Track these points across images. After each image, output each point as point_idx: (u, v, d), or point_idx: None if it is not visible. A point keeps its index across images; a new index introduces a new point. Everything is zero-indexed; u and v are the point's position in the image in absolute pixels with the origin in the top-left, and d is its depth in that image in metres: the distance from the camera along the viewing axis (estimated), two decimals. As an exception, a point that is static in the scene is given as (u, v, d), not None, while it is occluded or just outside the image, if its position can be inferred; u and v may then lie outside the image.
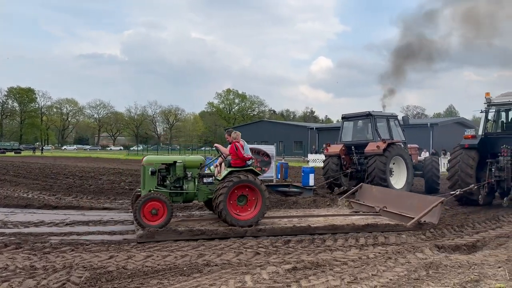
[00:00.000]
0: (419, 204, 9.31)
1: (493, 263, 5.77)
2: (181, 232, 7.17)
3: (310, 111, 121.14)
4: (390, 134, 14.79)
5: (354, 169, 15.02)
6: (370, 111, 15.04)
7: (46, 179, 18.26)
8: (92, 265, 5.40)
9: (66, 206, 10.56)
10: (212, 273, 5.18)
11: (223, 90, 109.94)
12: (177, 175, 8.33)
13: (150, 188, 8.06)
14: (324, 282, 4.85)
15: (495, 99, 12.58)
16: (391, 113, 15.97)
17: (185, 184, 8.39)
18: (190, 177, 8.38)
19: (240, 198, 8.22)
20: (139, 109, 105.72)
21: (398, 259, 5.98)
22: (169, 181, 8.38)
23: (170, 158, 8.75)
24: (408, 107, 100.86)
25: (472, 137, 12.40)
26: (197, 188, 8.44)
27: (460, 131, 48.97)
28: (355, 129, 16.07)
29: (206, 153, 63.35)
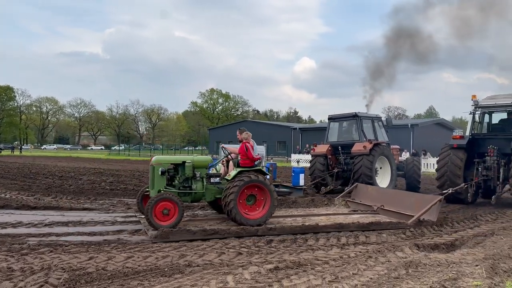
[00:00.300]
0: (417, 202, 9.62)
1: (471, 261, 5.88)
2: (194, 232, 7.22)
3: (294, 112, 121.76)
4: (375, 135, 15.15)
5: (341, 169, 15.27)
6: (356, 112, 15.34)
7: (24, 179, 17.90)
8: (71, 267, 5.31)
9: (45, 207, 10.35)
10: (193, 274, 5.15)
11: (206, 89, 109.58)
12: (186, 175, 8.42)
13: (160, 188, 8.15)
14: (305, 282, 4.87)
15: (482, 101, 13.11)
16: (375, 115, 16.32)
17: (194, 184, 8.50)
18: (198, 177, 8.50)
19: (249, 197, 8.33)
20: (121, 108, 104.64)
21: (378, 258, 6.04)
22: (178, 181, 8.46)
23: (179, 158, 8.82)
24: (390, 108, 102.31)
25: (460, 137, 12.80)
26: (205, 188, 8.54)
27: (440, 131, 50.05)
28: (342, 130, 16.35)
29: (189, 152, 63.03)
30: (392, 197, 10.73)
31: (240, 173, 8.27)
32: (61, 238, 7.07)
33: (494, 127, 13.59)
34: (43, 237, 7.07)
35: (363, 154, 14.05)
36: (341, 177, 15.46)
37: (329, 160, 15.47)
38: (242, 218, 8.03)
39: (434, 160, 31.61)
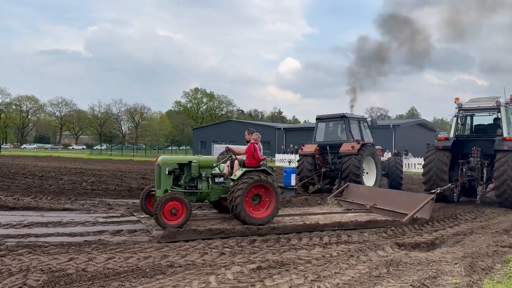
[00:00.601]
0: (409, 201, 9.97)
1: (450, 260, 5.98)
2: (200, 232, 7.27)
3: (278, 112, 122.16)
4: (361, 136, 15.50)
5: (328, 169, 15.53)
6: (344, 113, 15.67)
7: (3, 179, 17.48)
8: (51, 268, 5.21)
9: (24, 207, 10.14)
10: (175, 274, 5.12)
11: (191, 89, 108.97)
12: (192, 175, 8.53)
13: (166, 187, 8.21)
14: (288, 281, 4.89)
15: (465, 104, 13.55)
16: (361, 116, 16.72)
17: (199, 183, 8.62)
18: (204, 176, 8.63)
19: (254, 197, 8.45)
20: (103, 107, 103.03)
21: (360, 257, 6.10)
22: (184, 180, 8.55)
23: (185, 158, 8.98)
24: (372, 109, 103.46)
25: (445, 139, 13.32)
26: (210, 187, 8.68)
27: (421, 132, 50.83)
28: (329, 130, 16.65)
29: (172, 152, 62.58)
30: (384, 196, 11.01)
31: (246, 173, 8.36)
32: (40, 239, 6.93)
33: (477, 129, 14.04)
34: (22, 238, 6.92)
35: (351, 154, 14.36)
36: (328, 177, 15.73)
37: (317, 160, 15.71)
38: (248, 217, 8.11)
39: (416, 160, 32.28)
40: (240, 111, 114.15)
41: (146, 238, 7.21)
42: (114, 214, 9.52)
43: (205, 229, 7.47)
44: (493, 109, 13.15)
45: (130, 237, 7.22)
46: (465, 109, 13.65)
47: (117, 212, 9.80)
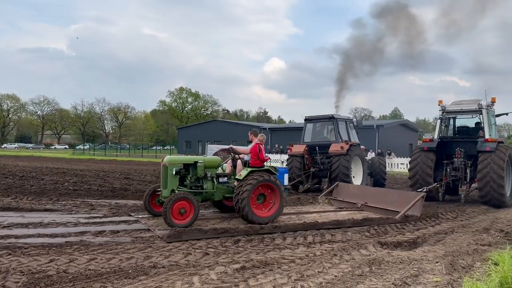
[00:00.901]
0: (399, 199, 10.34)
1: (432, 258, 6.07)
2: (206, 231, 7.36)
3: (264, 112, 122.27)
4: (348, 136, 15.85)
5: (317, 168, 15.77)
6: (332, 114, 16.00)
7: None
8: (31, 270, 5.13)
9: (4, 208, 9.94)
10: (158, 275, 5.08)
11: (175, 88, 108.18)
12: (198, 175, 8.70)
13: (173, 187, 8.38)
14: (271, 281, 4.90)
15: (449, 106, 14.01)
16: (347, 117, 17.05)
17: (205, 183, 8.80)
18: (209, 176, 8.82)
19: (259, 196, 8.62)
20: (86, 106, 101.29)
21: (343, 256, 6.16)
22: (189, 180, 8.72)
23: (190, 158, 9.20)
24: (357, 109, 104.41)
25: (430, 140, 13.85)
26: (215, 187, 8.84)
27: (404, 132, 51.44)
28: (318, 131, 16.92)
29: (156, 152, 62.11)
30: (374, 194, 11.32)
31: (251, 173, 8.52)
32: (20, 240, 6.79)
33: (460, 131, 14.55)
34: (1, 240, 6.77)
35: (340, 154, 14.70)
36: (316, 176, 16.03)
37: (306, 160, 15.95)
38: (254, 216, 8.26)
39: (399, 160, 32.68)
40: (225, 111, 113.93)
41: (128, 239, 7.14)
42: (97, 215, 9.40)
43: (210, 228, 7.56)
44: (475, 111, 13.58)
45: (113, 238, 7.14)
46: (448, 112, 14.06)
47: (99, 213, 9.67)
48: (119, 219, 8.98)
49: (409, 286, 4.76)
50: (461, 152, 13.30)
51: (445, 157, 13.59)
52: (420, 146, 13.99)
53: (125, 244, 6.67)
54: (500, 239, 7.60)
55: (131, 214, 9.56)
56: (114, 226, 8.13)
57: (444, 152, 13.65)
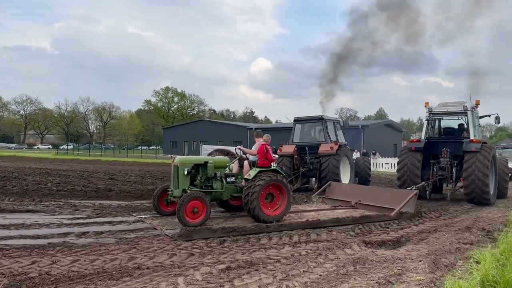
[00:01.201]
0: (392, 197, 10.68)
1: (415, 257, 6.15)
2: (215, 230, 7.49)
3: (250, 111, 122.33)
4: (336, 137, 16.13)
5: (307, 168, 15.96)
6: (321, 115, 16.27)
7: (-38, 180, 16.75)
8: (12, 272, 5.04)
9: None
10: (143, 276, 5.04)
11: (161, 88, 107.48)
12: (208, 175, 8.92)
13: (184, 187, 8.55)
14: (257, 281, 4.90)
15: (435, 108, 14.52)
16: (335, 117, 17.43)
17: (214, 183, 9.01)
18: (218, 176, 9.04)
19: (267, 196, 8.86)
20: (69, 106, 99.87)
21: (328, 255, 6.19)
22: (200, 180, 8.91)
23: (201, 158, 9.40)
24: (342, 109, 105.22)
25: (417, 141, 14.29)
26: (224, 187, 9.06)
27: (389, 132, 51.96)
28: (307, 131, 17.17)
29: (142, 152, 61.56)
30: (367, 193, 11.62)
31: (260, 173, 8.76)
32: (1, 242, 6.66)
33: (446, 132, 15.10)
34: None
35: (330, 155, 14.95)
36: (305, 176, 16.26)
37: (295, 160, 16.16)
38: (263, 215, 8.50)
39: (383, 160, 33.02)
40: (212, 111, 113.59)
41: (113, 240, 7.06)
42: (80, 216, 9.28)
43: (220, 227, 7.71)
44: (460, 113, 14.09)
45: (96, 239, 7.05)
46: (435, 113, 14.51)
47: (83, 214, 9.55)
48: (103, 220, 8.88)
49: (393, 284, 4.81)
50: (447, 152, 13.73)
51: (431, 157, 14.00)
52: (408, 146, 14.38)
53: (109, 245, 6.60)
54: (482, 237, 7.72)
55: (132, 214, 9.64)
56: (98, 227, 8.04)
57: (431, 152, 14.05)
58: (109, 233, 7.55)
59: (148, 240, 7.03)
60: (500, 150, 40.55)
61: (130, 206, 10.86)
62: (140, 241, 6.99)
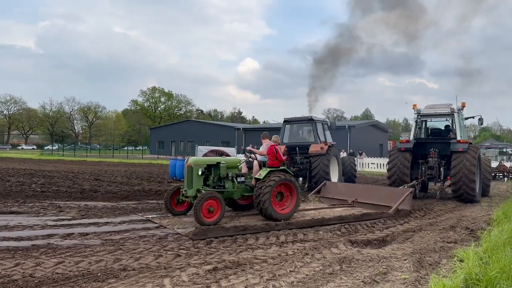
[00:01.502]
0: (388, 195, 11.07)
1: (400, 256, 6.21)
2: (228, 229, 7.74)
3: (238, 112, 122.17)
4: (325, 137, 16.40)
5: (297, 168, 16.13)
6: (311, 116, 16.62)
7: None
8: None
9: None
10: (129, 278, 5.00)
11: (148, 88, 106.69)
12: (221, 175, 9.16)
13: (198, 187, 8.79)
14: (243, 281, 4.90)
15: (423, 110, 15.09)
16: (323, 118, 17.79)
17: (226, 183, 9.24)
18: (230, 176, 9.27)
19: (277, 195, 9.13)
20: (54, 106, 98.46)
21: (314, 254, 6.22)
22: (212, 180, 9.15)
23: (213, 159, 9.62)
24: (329, 110, 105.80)
25: (406, 141, 14.79)
26: (235, 186, 9.29)
27: (375, 133, 52.41)
28: (296, 132, 17.47)
29: (128, 153, 61.02)
30: (363, 191, 12.00)
31: (270, 173, 9.05)
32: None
33: (433, 132, 15.66)
34: (-37, 244, 6.53)
35: (320, 155, 15.28)
36: (295, 176, 16.27)
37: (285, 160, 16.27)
38: (274, 213, 8.78)
39: (369, 160, 33.30)
40: (199, 111, 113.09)
41: (98, 241, 6.98)
42: (65, 217, 9.17)
43: (232, 226, 8.01)
44: (448, 115, 14.71)
45: (82, 241, 6.98)
46: (423, 115, 15.05)
47: (68, 215, 9.44)
48: (88, 221, 8.78)
49: (378, 283, 4.86)
50: (435, 152, 14.26)
51: (420, 157, 14.49)
52: (397, 147, 14.88)
53: (94, 246, 6.53)
54: (466, 236, 7.84)
55: (140, 214, 9.71)
56: (83, 229, 7.95)
57: (419, 152, 14.53)
58: (95, 234, 7.48)
59: (134, 241, 6.97)
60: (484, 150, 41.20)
61: (116, 207, 10.76)
62: (126, 242, 6.93)
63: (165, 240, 7.18)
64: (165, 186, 16.34)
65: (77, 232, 7.56)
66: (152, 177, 20.78)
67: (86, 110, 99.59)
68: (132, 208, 10.67)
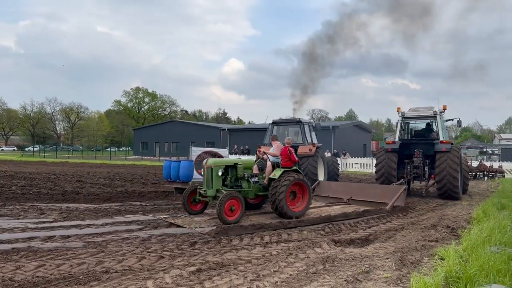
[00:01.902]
0: (382, 192, 11.78)
1: (383, 254, 6.29)
2: (246, 227, 8.11)
3: (223, 112, 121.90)
4: (311, 139, 16.88)
5: None
6: (299, 118, 17.26)
7: None
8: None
9: None
10: (111, 280, 4.94)
11: (131, 88, 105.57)
12: (238, 176, 9.61)
13: (218, 187, 9.22)
14: (227, 282, 4.89)
15: (407, 113, 15.98)
16: (309, 120, 18.43)
17: (242, 183, 9.69)
18: (246, 177, 9.71)
19: (290, 193, 9.51)
20: (36, 106, 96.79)
21: (298, 254, 6.25)
22: (229, 180, 9.57)
23: (231, 160, 10.20)
24: (314, 111, 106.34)
25: (392, 142, 15.60)
26: (251, 186, 9.74)
27: (358, 133, 52.92)
28: (283, 133, 17.83)
29: (111, 154, 60.31)
30: (357, 190, 12.57)
31: (284, 173, 9.47)
32: (-39, 248, 6.41)
33: (416, 134, 16.47)
34: None
35: (309, 156, 15.75)
36: None
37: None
38: (289, 211, 9.21)
39: (353, 160, 33.60)
40: (184, 112, 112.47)
41: (80, 243, 6.88)
42: (46, 220, 9.03)
43: (250, 224, 8.35)
44: (430, 117, 15.58)
45: (63, 243, 6.86)
46: (407, 117, 15.93)
47: (49, 217, 9.29)
48: (70, 223, 8.66)
49: (361, 282, 4.91)
50: (420, 152, 15.05)
51: (405, 157, 15.23)
52: (385, 147, 15.70)
53: (76, 249, 6.43)
54: (447, 235, 7.99)
55: (150, 214, 9.86)
56: (65, 231, 7.84)
57: (404, 152, 15.27)
58: (76, 236, 7.37)
59: (117, 244, 6.89)
60: (465, 150, 42.01)
61: (98, 209, 10.63)
62: (108, 244, 6.85)
63: (148, 242, 7.11)
64: (149, 188, 16.22)
65: (58, 234, 7.43)
66: (136, 178, 20.59)
67: (68, 110, 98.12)
68: (114, 210, 10.55)
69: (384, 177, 14.99)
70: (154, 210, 10.64)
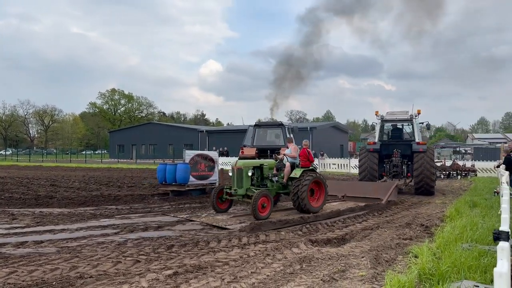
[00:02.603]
0: (374, 188, 12.97)
1: (358, 253, 6.38)
2: (275, 222, 8.80)
3: (201, 114, 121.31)
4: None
5: None
6: (281, 121, 18.15)
7: None
8: None
9: None
10: (85, 286, 4.85)
11: (107, 90, 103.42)
12: (264, 175, 10.47)
13: (247, 186, 9.97)
14: (204, 284, 4.88)
15: (386, 116, 17.52)
16: (289, 123, 19.25)
17: (267, 182, 10.50)
18: (270, 176, 10.52)
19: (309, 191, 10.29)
20: (8, 109, 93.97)
21: (276, 255, 6.28)
22: (256, 180, 10.37)
23: (258, 161, 11.07)
24: (292, 112, 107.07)
25: (373, 143, 16.97)
26: (274, 185, 10.54)
27: (336, 134, 53.55)
28: (263, 135, 18.54)
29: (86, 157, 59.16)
30: (350, 187, 13.69)
31: (303, 172, 10.37)
32: None
33: (393, 135, 17.76)
34: None
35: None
36: None
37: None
38: (310, 207, 10.09)
39: (330, 161, 33.95)
40: (161, 113, 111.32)
41: (53, 249, 6.73)
42: (18, 225, 8.80)
43: (276, 220, 9.01)
44: (407, 120, 17.14)
45: (36, 249, 6.70)
46: (385, 120, 17.46)
47: (21, 223, 9.05)
48: (44, 228, 8.46)
49: (337, 281, 4.97)
50: (398, 152, 16.52)
51: (385, 157, 16.81)
52: (366, 148, 17.01)
53: (49, 254, 6.29)
54: (420, 233, 8.16)
55: (169, 214, 10.43)
56: (38, 236, 7.65)
57: (384, 152, 16.81)
58: (50, 242, 7.20)
59: (92, 248, 6.77)
60: (439, 149, 43.00)
61: (72, 214, 10.42)
62: (83, 249, 6.72)
63: (124, 246, 7.01)
64: (124, 191, 15.99)
65: (31, 240, 7.25)
66: (111, 181, 20.26)
67: (42, 113, 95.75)
68: (89, 214, 10.37)
69: (366, 175, 16.23)
70: (173, 211, 11.12)
